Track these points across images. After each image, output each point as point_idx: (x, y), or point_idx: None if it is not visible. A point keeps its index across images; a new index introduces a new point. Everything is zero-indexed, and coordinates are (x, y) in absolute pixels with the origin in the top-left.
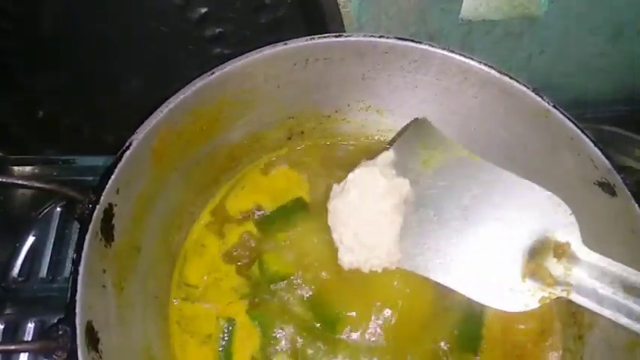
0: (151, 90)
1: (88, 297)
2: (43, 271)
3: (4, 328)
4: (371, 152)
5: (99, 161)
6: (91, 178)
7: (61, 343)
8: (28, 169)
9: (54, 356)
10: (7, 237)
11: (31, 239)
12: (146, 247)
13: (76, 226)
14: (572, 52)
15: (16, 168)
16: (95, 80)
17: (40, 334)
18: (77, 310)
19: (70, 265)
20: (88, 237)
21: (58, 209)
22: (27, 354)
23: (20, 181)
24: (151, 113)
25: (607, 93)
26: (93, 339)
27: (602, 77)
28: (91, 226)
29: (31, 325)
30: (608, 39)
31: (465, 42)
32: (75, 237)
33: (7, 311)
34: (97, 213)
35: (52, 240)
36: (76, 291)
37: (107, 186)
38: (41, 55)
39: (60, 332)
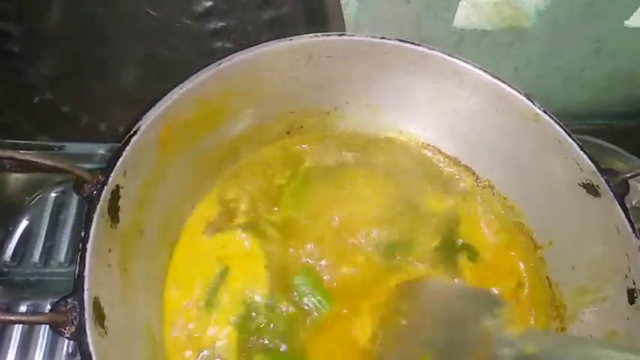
0: (150, 80)
1: (95, 274)
2: (36, 256)
3: None
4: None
5: (94, 149)
6: (88, 166)
7: (69, 317)
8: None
9: (63, 330)
10: (0, 221)
11: (24, 223)
12: (148, 231)
13: (71, 212)
14: (556, 65)
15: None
16: (93, 68)
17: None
18: (85, 286)
19: (65, 251)
20: (95, 216)
21: (53, 195)
22: (19, 330)
23: (33, 158)
24: (149, 103)
25: (588, 106)
26: (99, 315)
27: (584, 91)
28: (99, 206)
29: (23, 308)
30: (590, 54)
31: (456, 49)
32: (70, 223)
33: None
34: (105, 193)
35: (46, 225)
36: (84, 267)
37: (115, 168)
38: (41, 41)
39: (69, 307)
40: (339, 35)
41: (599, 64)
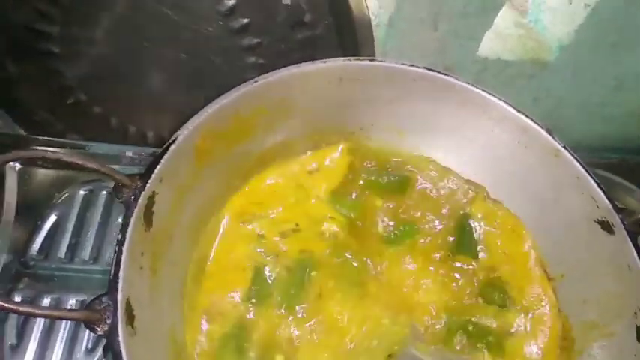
0: (181, 90)
1: (128, 275)
2: (62, 252)
3: (20, 302)
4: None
5: (123, 150)
6: (116, 167)
7: (103, 315)
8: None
9: (96, 327)
10: (29, 214)
11: (52, 219)
12: (177, 236)
13: (98, 210)
14: (575, 98)
15: (40, 149)
16: (127, 74)
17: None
18: (119, 286)
19: (89, 248)
20: (133, 220)
21: (81, 192)
22: (40, 325)
23: (78, 161)
24: (178, 112)
25: (604, 140)
26: (130, 315)
27: (601, 125)
28: (136, 211)
29: (46, 301)
30: (610, 90)
31: (478, 77)
32: (96, 221)
33: (23, 286)
34: (142, 199)
35: (73, 222)
36: (119, 268)
37: (153, 174)
38: (79, 44)
39: (103, 305)
40: (370, 60)
41: (618, 100)
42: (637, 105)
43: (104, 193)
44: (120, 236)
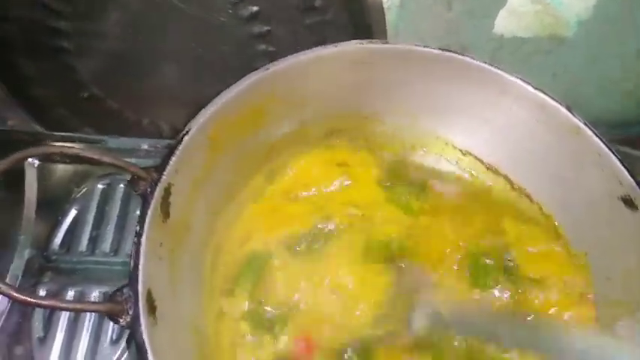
0: (194, 80)
1: (148, 267)
2: (83, 245)
3: (44, 296)
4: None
5: (138, 143)
6: (132, 160)
7: (125, 307)
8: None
9: (119, 319)
10: (50, 210)
11: (73, 213)
12: (195, 226)
13: (116, 203)
14: (595, 73)
15: (57, 144)
16: (139, 67)
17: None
18: (140, 278)
19: (110, 241)
20: (150, 212)
21: (99, 186)
22: (66, 317)
23: (95, 155)
24: (192, 102)
25: (624, 115)
26: (152, 306)
27: (622, 100)
28: (153, 202)
29: (70, 294)
30: (630, 63)
31: (494, 56)
32: (115, 214)
33: (47, 279)
34: (159, 191)
35: (93, 216)
36: (139, 259)
37: (168, 166)
38: (90, 39)
39: (125, 297)
40: (383, 43)
41: (638, 72)
42: None
43: (122, 186)
44: (138, 228)
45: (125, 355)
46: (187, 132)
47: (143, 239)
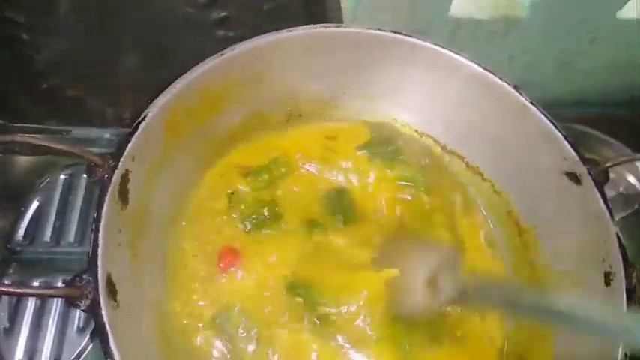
0: (153, 68)
1: (107, 252)
2: (47, 235)
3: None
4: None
5: (101, 133)
6: (95, 149)
7: (84, 291)
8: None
9: (78, 303)
10: (12, 202)
11: (35, 205)
12: (155, 212)
13: (80, 193)
14: (550, 54)
15: (8, 136)
16: (99, 56)
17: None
18: (99, 263)
19: (74, 231)
20: (107, 199)
21: (62, 177)
22: (32, 307)
23: (48, 143)
24: (155, 91)
25: (583, 94)
26: (112, 290)
27: (579, 79)
28: (110, 189)
29: (35, 284)
30: (584, 44)
31: (451, 38)
32: (79, 204)
33: (12, 271)
34: (116, 177)
35: (56, 206)
36: (97, 245)
37: (125, 153)
38: (47, 28)
39: (84, 282)
40: (337, 27)
41: (594, 53)
42: (612, 57)
43: (85, 176)
44: (95, 214)
45: (92, 345)
46: (143, 119)
47: (101, 225)
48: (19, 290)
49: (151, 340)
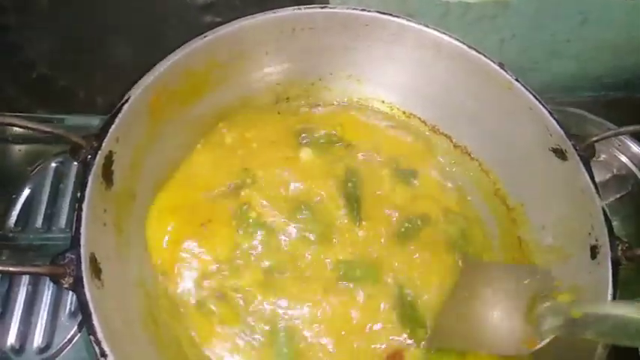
0: (142, 54)
1: (90, 231)
2: (39, 222)
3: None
4: None
5: (90, 120)
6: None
7: (67, 270)
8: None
9: (61, 281)
10: (4, 189)
11: (27, 192)
12: (140, 193)
13: (70, 180)
14: (541, 37)
15: None
16: (88, 43)
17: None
18: (82, 242)
19: (65, 217)
20: (90, 178)
21: (53, 164)
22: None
23: (31, 125)
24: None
25: (575, 78)
26: (96, 269)
27: (570, 62)
28: (93, 169)
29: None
30: (575, 26)
31: (441, 22)
32: (70, 191)
33: (4, 257)
34: (99, 158)
35: (47, 193)
36: (80, 224)
37: (108, 134)
38: (36, 16)
39: (67, 260)
40: (321, 8)
41: (585, 35)
42: (604, 39)
43: (76, 163)
44: (79, 194)
45: (83, 330)
46: (127, 100)
47: (84, 205)
48: (1, 268)
49: (136, 319)
